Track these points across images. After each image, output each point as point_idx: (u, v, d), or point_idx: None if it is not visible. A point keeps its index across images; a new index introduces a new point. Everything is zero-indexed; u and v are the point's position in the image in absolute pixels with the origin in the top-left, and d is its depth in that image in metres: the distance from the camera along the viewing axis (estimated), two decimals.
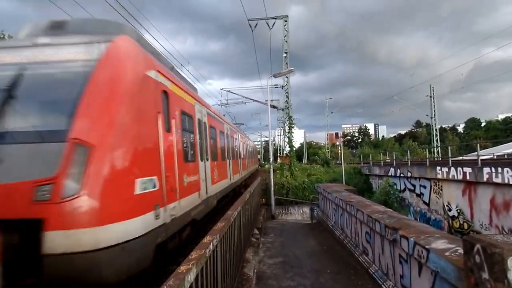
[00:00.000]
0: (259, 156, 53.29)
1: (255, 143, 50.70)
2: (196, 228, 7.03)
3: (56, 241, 3.24)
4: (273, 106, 30.24)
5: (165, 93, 5.34)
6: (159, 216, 4.52)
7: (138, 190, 4.02)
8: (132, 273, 3.85)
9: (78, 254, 3.26)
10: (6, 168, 3.43)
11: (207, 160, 8.29)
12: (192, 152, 6.93)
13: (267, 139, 60.28)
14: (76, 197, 3.34)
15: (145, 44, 5.73)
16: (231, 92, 32.57)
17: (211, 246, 3.13)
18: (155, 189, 4.49)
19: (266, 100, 21.05)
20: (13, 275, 3.21)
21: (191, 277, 2.34)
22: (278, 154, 47.13)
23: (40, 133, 3.72)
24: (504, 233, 10.16)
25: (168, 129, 5.30)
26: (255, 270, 6.21)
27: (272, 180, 18.03)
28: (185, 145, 6.31)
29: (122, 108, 4.03)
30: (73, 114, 3.71)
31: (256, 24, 25.15)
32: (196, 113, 7.47)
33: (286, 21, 26.54)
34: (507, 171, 9.98)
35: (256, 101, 33.33)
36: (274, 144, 58.46)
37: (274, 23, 25.71)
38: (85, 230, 3.32)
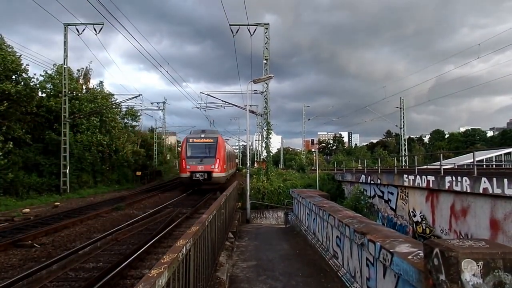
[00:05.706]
0: (237, 160, 53.24)
1: (233, 147, 50.57)
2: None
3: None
4: (252, 112, 30.34)
5: (223, 143, 23.87)
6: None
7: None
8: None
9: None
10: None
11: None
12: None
13: (245, 143, 60.31)
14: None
15: (221, 134, 27.11)
16: (211, 96, 32.15)
17: (184, 250, 3.13)
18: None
19: (245, 105, 21.11)
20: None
21: (162, 281, 2.33)
22: (256, 159, 47.33)
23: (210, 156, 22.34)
24: (461, 237, 10.91)
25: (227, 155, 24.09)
26: (228, 274, 6.20)
27: (248, 185, 18.09)
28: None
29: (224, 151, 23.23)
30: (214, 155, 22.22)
31: (238, 30, 25.29)
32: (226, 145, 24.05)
33: (267, 28, 26.76)
34: (465, 180, 10.75)
35: (235, 105, 32.91)
36: (252, 149, 58.64)
37: (255, 29, 25.91)
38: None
